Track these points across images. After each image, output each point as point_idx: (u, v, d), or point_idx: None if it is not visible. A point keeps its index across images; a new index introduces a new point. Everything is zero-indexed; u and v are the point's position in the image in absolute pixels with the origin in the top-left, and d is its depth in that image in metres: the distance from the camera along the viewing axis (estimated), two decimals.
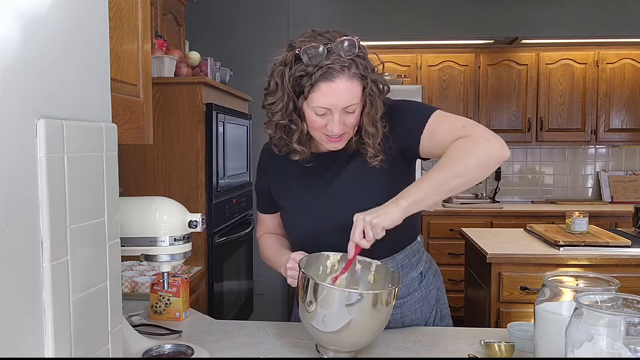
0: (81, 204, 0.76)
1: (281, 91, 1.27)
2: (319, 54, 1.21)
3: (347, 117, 1.26)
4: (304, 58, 1.22)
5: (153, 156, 2.40)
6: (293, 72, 1.24)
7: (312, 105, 1.24)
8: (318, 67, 1.21)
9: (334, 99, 1.22)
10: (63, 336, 0.71)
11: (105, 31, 0.85)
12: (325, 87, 1.21)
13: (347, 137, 1.31)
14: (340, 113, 1.24)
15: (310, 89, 1.22)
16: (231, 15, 3.89)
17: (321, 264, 1.32)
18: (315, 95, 1.23)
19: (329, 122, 1.25)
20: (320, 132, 1.29)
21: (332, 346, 1.20)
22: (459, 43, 4.21)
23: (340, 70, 1.21)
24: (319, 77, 1.21)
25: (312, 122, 1.27)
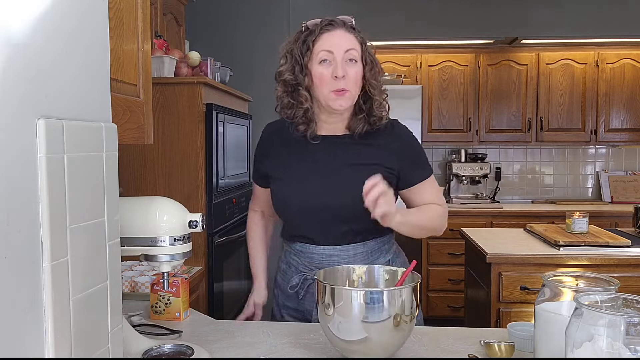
0: (81, 204, 0.76)
1: (290, 59, 1.45)
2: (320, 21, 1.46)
3: (349, 67, 1.41)
4: (308, 23, 1.46)
5: (153, 156, 2.40)
6: (300, 40, 1.45)
7: (316, 53, 1.42)
8: (320, 25, 1.44)
9: (335, 42, 1.41)
10: (63, 336, 0.71)
11: (105, 31, 0.85)
12: (326, 35, 1.43)
13: (350, 96, 1.43)
14: (343, 60, 1.41)
15: (314, 41, 1.42)
16: (231, 15, 3.89)
17: (347, 277, 1.32)
18: (319, 44, 1.42)
19: (333, 69, 1.40)
20: (327, 89, 1.41)
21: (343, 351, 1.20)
22: (459, 43, 4.21)
23: (339, 24, 1.45)
24: (321, 30, 1.43)
25: (318, 76, 1.41)
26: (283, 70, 1.46)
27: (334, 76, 1.40)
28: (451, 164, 4.44)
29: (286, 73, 1.45)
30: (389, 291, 1.13)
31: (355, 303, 1.12)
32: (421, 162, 1.55)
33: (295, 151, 1.52)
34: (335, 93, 1.41)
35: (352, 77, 1.42)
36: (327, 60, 1.41)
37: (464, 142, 4.38)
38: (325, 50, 1.41)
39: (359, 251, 1.50)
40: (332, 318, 1.14)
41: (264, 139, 1.62)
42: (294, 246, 1.56)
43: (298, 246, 1.54)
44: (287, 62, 1.45)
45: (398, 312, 1.12)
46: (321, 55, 1.41)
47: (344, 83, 1.41)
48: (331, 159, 1.49)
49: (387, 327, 1.12)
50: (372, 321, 1.11)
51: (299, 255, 1.54)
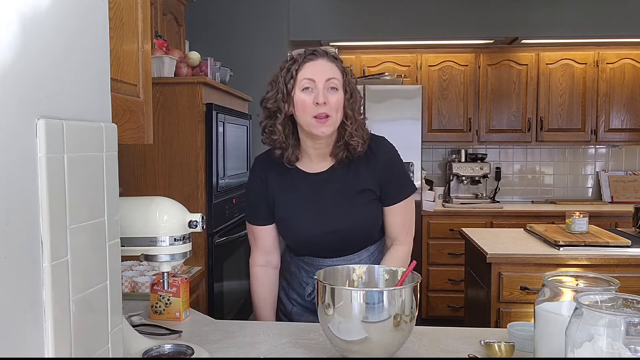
0: (81, 204, 0.76)
1: (274, 86, 1.52)
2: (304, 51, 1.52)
3: (331, 95, 1.47)
4: (293, 53, 1.51)
5: (153, 156, 2.40)
6: (285, 68, 1.51)
7: (299, 81, 1.48)
8: (303, 54, 1.50)
9: (317, 70, 1.48)
10: (63, 336, 0.71)
11: (105, 31, 0.85)
12: (309, 64, 1.49)
13: (332, 123, 1.48)
14: (324, 88, 1.46)
15: (297, 70, 1.48)
16: (231, 15, 3.89)
17: (347, 277, 1.33)
18: (301, 73, 1.48)
19: (315, 96, 1.46)
20: (309, 115, 1.47)
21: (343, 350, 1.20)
22: (459, 43, 4.21)
23: (322, 54, 1.51)
24: (304, 59, 1.49)
25: (301, 103, 1.47)
26: (267, 97, 1.53)
27: (315, 102, 1.45)
28: (451, 164, 4.44)
29: (269, 101, 1.52)
30: (389, 291, 1.13)
31: (355, 303, 1.12)
32: (400, 183, 1.61)
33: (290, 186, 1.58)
34: (317, 120, 1.46)
35: (333, 104, 1.47)
36: (309, 87, 1.47)
37: (464, 142, 4.38)
38: (308, 78, 1.47)
39: (363, 257, 1.61)
40: (332, 318, 1.14)
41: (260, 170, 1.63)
42: (302, 258, 1.63)
43: (307, 259, 1.62)
44: (272, 90, 1.52)
45: (398, 312, 1.12)
46: (303, 83, 1.47)
47: (326, 108, 1.46)
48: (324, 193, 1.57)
49: (387, 327, 1.12)
50: (372, 321, 1.11)
51: (308, 265, 1.62)
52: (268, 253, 1.64)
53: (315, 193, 1.57)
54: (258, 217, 1.62)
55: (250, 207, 1.65)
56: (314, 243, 1.58)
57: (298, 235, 1.58)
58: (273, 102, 1.51)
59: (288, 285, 1.68)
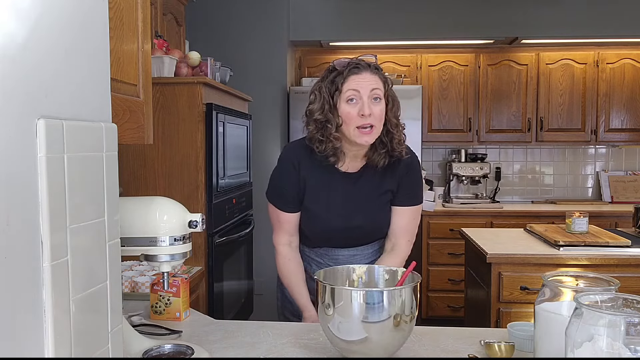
0: (81, 204, 0.76)
1: (319, 97, 1.58)
2: (347, 61, 1.58)
3: (374, 106, 1.53)
4: (336, 66, 1.57)
5: (153, 156, 2.40)
6: (329, 79, 1.58)
7: (344, 92, 1.53)
8: (348, 66, 1.56)
9: (362, 83, 1.54)
10: (63, 336, 0.71)
11: (105, 31, 0.85)
12: (354, 77, 1.54)
13: (375, 132, 1.55)
14: (368, 99, 1.53)
15: (342, 82, 1.54)
16: (231, 15, 3.89)
17: (347, 277, 1.33)
18: (346, 84, 1.54)
19: (359, 107, 1.52)
20: (353, 126, 1.53)
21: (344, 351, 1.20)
22: (459, 43, 4.21)
23: (365, 67, 1.56)
24: (349, 72, 1.55)
25: (346, 114, 1.54)
26: (314, 109, 1.58)
27: (361, 114, 1.52)
28: (451, 164, 4.43)
29: (317, 112, 1.57)
30: (389, 291, 1.13)
31: (355, 303, 1.12)
32: (414, 191, 1.70)
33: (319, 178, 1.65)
34: (360, 130, 1.53)
35: (377, 115, 1.54)
36: (354, 99, 1.53)
37: (464, 142, 4.38)
38: (353, 89, 1.53)
39: (376, 248, 1.73)
40: (332, 318, 1.14)
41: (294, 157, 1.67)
42: (316, 250, 1.72)
43: (322, 250, 1.71)
44: (317, 100, 1.58)
45: (398, 312, 1.12)
46: (349, 94, 1.53)
47: (370, 119, 1.53)
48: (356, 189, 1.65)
49: (387, 327, 1.12)
50: (372, 321, 1.11)
51: (322, 257, 1.71)
52: (291, 235, 1.70)
53: (344, 191, 1.65)
54: (287, 203, 1.66)
55: (279, 193, 1.68)
56: (333, 236, 1.66)
57: (322, 227, 1.65)
58: (321, 113, 1.56)
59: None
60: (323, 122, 1.56)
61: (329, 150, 1.58)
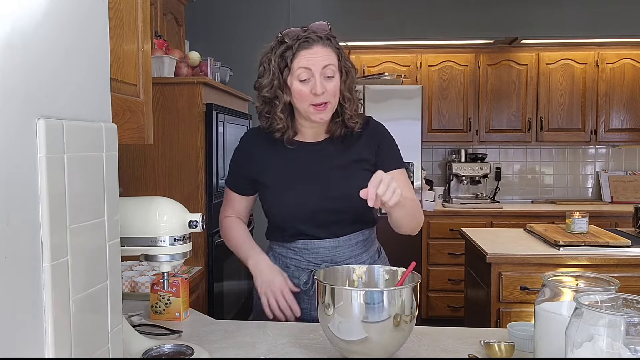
0: (81, 204, 0.76)
1: (268, 71, 1.49)
2: (297, 32, 1.47)
3: (328, 83, 1.46)
4: (285, 38, 1.47)
5: (153, 156, 2.40)
6: (278, 53, 1.47)
7: (295, 70, 1.45)
8: (297, 39, 1.45)
9: (313, 59, 1.44)
10: (63, 336, 0.71)
11: (105, 31, 0.85)
12: (304, 53, 1.45)
13: (330, 108, 1.48)
14: (321, 76, 1.45)
15: (292, 58, 1.45)
16: (231, 15, 3.89)
17: (347, 277, 1.32)
18: (297, 61, 1.45)
19: (312, 86, 1.44)
20: (306, 103, 1.46)
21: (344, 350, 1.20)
22: (459, 43, 4.21)
23: (316, 40, 1.46)
24: (299, 47, 1.45)
25: (298, 92, 1.46)
26: (263, 84, 1.50)
27: (313, 92, 1.44)
28: (451, 164, 4.44)
29: (265, 88, 1.50)
30: (389, 291, 1.13)
31: (355, 303, 1.12)
32: (395, 154, 1.61)
33: (283, 157, 1.56)
34: (314, 107, 1.46)
35: (330, 91, 1.46)
36: (305, 78, 1.45)
37: (464, 142, 4.38)
38: (304, 67, 1.45)
39: (360, 239, 1.58)
40: (332, 318, 1.14)
41: (249, 145, 1.64)
42: (294, 245, 1.57)
43: (300, 244, 1.56)
44: (266, 74, 1.50)
45: (398, 312, 1.12)
46: (299, 72, 1.45)
47: (324, 97, 1.46)
48: (319, 162, 1.55)
49: (387, 327, 1.12)
50: (372, 321, 1.11)
51: (301, 253, 1.56)
52: (238, 214, 1.67)
53: (309, 162, 1.55)
54: (236, 185, 1.65)
55: (230, 174, 1.67)
56: (309, 219, 1.53)
57: (292, 205, 1.54)
58: (269, 90, 1.49)
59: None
60: (270, 98, 1.50)
61: (274, 127, 1.52)
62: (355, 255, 1.57)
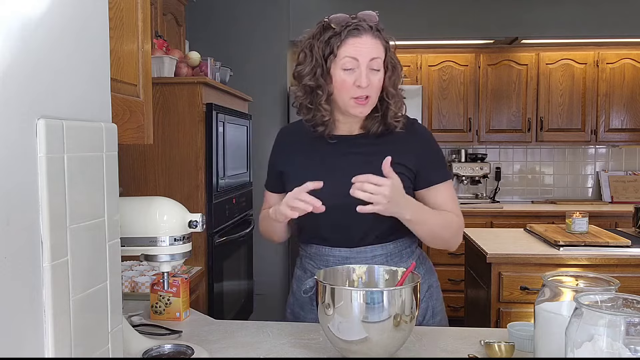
0: (81, 204, 0.76)
1: (310, 58, 1.40)
2: (345, 19, 1.39)
3: (373, 76, 1.38)
4: (332, 23, 1.39)
5: (153, 156, 2.40)
6: (322, 39, 1.39)
7: (341, 59, 1.36)
8: (346, 26, 1.37)
9: (361, 49, 1.36)
10: (63, 336, 0.71)
11: (105, 31, 0.85)
12: (353, 40, 1.37)
13: (371, 103, 1.40)
14: (367, 68, 1.36)
15: (339, 45, 1.36)
16: (231, 15, 3.89)
17: (347, 277, 1.32)
18: (343, 49, 1.36)
19: (356, 77, 1.36)
20: (347, 95, 1.38)
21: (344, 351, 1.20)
22: (459, 43, 4.21)
23: (366, 29, 1.38)
24: (348, 34, 1.37)
25: (340, 82, 1.37)
26: (304, 72, 1.41)
27: (357, 85, 1.36)
28: (451, 164, 4.43)
29: (307, 77, 1.40)
30: (389, 291, 1.13)
31: (355, 303, 1.12)
32: (440, 164, 1.51)
33: (312, 153, 1.49)
34: (355, 100, 1.38)
35: (374, 86, 1.39)
36: (351, 67, 1.37)
37: (464, 142, 4.38)
38: (351, 57, 1.36)
39: (378, 253, 1.46)
40: (332, 318, 1.14)
41: (279, 142, 1.59)
42: (309, 250, 1.52)
43: (314, 249, 1.50)
44: (307, 61, 1.41)
45: (398, 312, 1.12)
46: (345, 61, 1.37)
47: (367, 90, 1.38)
48: (348, 159, 1.45)
49: (387, 327, 1.12)
50: (372, 321, 1.11)
51: (313, 258, 1.50)
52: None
53: (338, 156, 1.45)
54: (269, 184, 1.60)
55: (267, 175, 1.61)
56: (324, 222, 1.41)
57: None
58: (311, 78, 1.39)
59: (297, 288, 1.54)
60: (313, 87, 1.40)
61: (318, 119, 1.42)
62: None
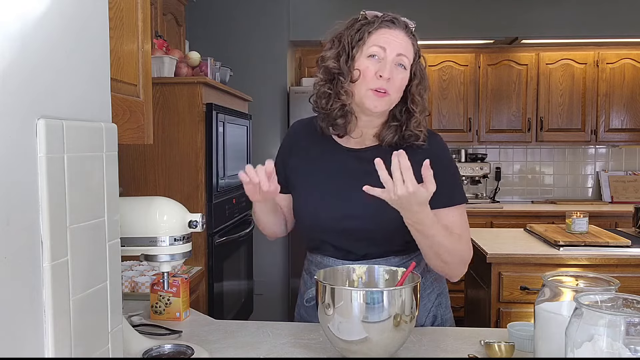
0: (81, 204, 0.76)
1: (337, 45, 1.36)
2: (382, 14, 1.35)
3: (396, 73, 1.31)
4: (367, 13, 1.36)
5: (153, 156, 2.40)
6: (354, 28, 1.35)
7: (369, 46, 1.31)
8: (382, 18, 1.34)
9: (392, 40, 1.31)
10: (63, 336, 0.71)
11: (105, 31, 0.85)
12: (385, 31, 1.32)
13: (388, 100, 1.32)
14: (393, 62, 1.31)
15: (370, 32, 1.32)
16: (231, 15, 3.89)
17: (347, 277, 1.31)
18: (374, 37, 1.32)
19: (380, 67, 1.30)
20: (367, 86, 1.31)
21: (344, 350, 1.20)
22: (459, 43, 4.21)
23: (401, 24, 1.35)
24: (381, 24, 1.33)
25: (364, 68, 1.31)
26: (327, 55, 1.36)
27: (379, 75, 1.29)
28: None
29: (330, 60, 1.35)
30: (389, 291, 1.13)
31: (355, 303, 1.12)
32: (454, 186, 1.40)
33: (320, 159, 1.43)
34: (374, 92, 1.30)
35: (397, 82, 1.32)
36: (376, 56, 1.31)
37: (464, 142, 4.38)
38: (379, 45, 1.31)
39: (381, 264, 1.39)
40: (332, 318, 1.14)
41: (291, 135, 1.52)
42: (313, 257, 1.49)
43: (318, 258, 1.46)
44: (334, 48, 1.36)
45: (398, 312, 1.12)
46: (372, 49, 1.31)
47: (387, 84, 1.30)
48: (358, 171, 1.34)
49: (387, 327, 1.12)
50: (372, 321, 1.11)
51: (319, 266, 1.44)
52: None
53: (346, 169, 1.38)
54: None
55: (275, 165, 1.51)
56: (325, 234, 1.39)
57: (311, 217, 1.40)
58: (335, 62, 1.33)
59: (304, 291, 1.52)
60: (335, 73, 1.33)
61: (337, 109, 1.33)
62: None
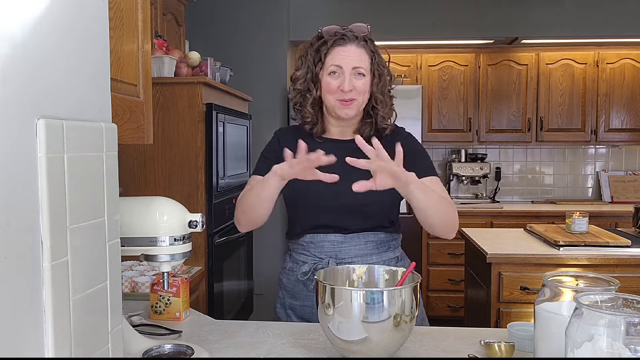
0: (81, 204, 0.76)
1: (304, 65, 1.56)
2: (335, 29, 1.53)
3: (357, 81, 1.50)
4: (323, 33, 1.54)
5: (153, 156, 2.40)
6: (314, 47, 1.54)
7: (327, 66, 1.51)
8: (334, 37, 1.52)
9: (345, 57, 1.50)
10: (63, 336, 0.71)
11: (105, 31, 0.85)
12: (338, 49, 1.51)
13: (356, 105, 1.51)
14: (351, 74, 1.49)
15: (326, 53, 1.51)
16: (231, 15, 3.89)
17: (347, 277, 1.32)
18: (330, 57, 1.51)
19: (340, 82, 1.49)
20: (333, 97, 1.51)
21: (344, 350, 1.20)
22: (459, 43, 4.21)
23: (352, 39, 1.51)
24: (334, 43, 1.51)
25: (327, 85, 1.51)
26: (298, 76, 1.56)
27: (341, 89, 1.48)
28: (451, 164, 4.44)
29: (299, 81, 1.56)
30: (389, 291, 1.13)
31: (355, 303, 1.12)
32: (426, 162, 1.60)
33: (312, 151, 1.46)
34: (341, 103, 1.50)
35: (359, 88, 1.50)
36: (336, 72, 1.50)
37: (464, 142, 4.38)
38: (335, 65, 1.50)
39: (370, 239, 1.55)
40: (332, 318, 1.14)
41: (280, 137, 1.66)
42: (302, 240, 1.57)
43: (307, 238, 1.56)
44: (302, 67, 1.56)
45: (398, 312, 1.12)
46: (331, 68, 1.50)
47: (351, 94, 1.49)
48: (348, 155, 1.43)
49: (387, 327, 1.12)
50: (372, 321, 1.11)
51: (308, 247, 1.56)
52: None
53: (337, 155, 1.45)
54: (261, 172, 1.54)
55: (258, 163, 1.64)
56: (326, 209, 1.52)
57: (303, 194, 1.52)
58: (303, 82, 1.55)
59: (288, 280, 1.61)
60: (303, 91, 1.56)
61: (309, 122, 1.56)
62: (362, 255, 1.53)
